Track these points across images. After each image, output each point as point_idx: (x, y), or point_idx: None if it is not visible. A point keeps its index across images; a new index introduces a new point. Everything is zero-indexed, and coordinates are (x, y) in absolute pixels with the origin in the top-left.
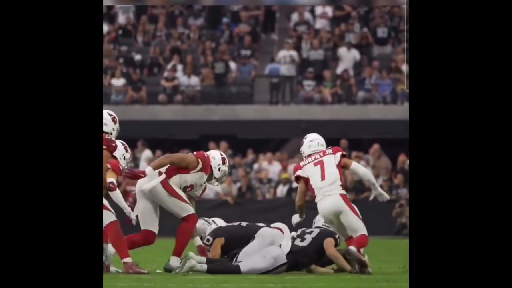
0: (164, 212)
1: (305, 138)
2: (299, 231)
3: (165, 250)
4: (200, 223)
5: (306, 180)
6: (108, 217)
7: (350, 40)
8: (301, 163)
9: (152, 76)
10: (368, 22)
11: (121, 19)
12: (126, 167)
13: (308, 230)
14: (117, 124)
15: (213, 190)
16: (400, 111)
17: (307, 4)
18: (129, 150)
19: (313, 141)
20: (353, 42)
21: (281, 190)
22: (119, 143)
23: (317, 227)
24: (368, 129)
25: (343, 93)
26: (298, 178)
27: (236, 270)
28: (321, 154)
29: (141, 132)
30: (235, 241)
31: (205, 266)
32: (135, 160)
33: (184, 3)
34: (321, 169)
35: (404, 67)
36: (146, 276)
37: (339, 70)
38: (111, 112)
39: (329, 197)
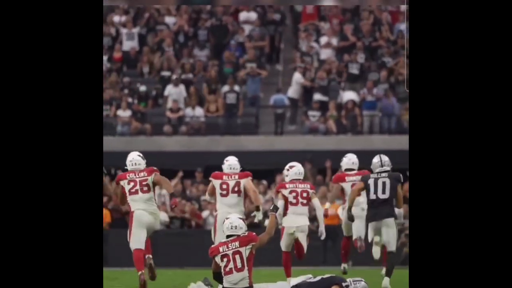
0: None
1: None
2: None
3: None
4: None
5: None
6: None
7: (354, 71)
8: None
9: (157, 107)
10: (373, 52)
11: (126, 46)
12: None
13: (325, 275)
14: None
15: None
16: (405, 141)
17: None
18: None
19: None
20: (357, 73)
21: None
22: None
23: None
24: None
25: (348, 123)
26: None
27: None
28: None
29: (146, 163)
30: None
31: None
32: None
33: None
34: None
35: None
36: None
37: (344, 100)
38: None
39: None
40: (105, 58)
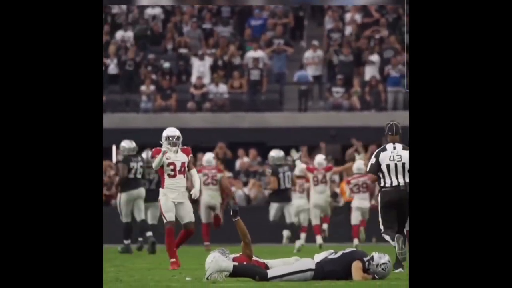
0: None
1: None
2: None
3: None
4: None
5: None
6: None
7: (373, 46)
8: None
9: (180, 84)
10: (396, 29)
11: (150, 23)
12: None
13: (346, 249)
14: None
15: (242, 196)
16: None
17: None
18: None
19: None
20: (378, 49)
21: None
22: None
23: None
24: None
25: (371, 99)
26: None
27: (263, 274)
28: None
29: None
30: None
31: (231, 266)
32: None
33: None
34: None
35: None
36: (175, 284)
37: (367, 76)
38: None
39: None
40: (129, 33)
